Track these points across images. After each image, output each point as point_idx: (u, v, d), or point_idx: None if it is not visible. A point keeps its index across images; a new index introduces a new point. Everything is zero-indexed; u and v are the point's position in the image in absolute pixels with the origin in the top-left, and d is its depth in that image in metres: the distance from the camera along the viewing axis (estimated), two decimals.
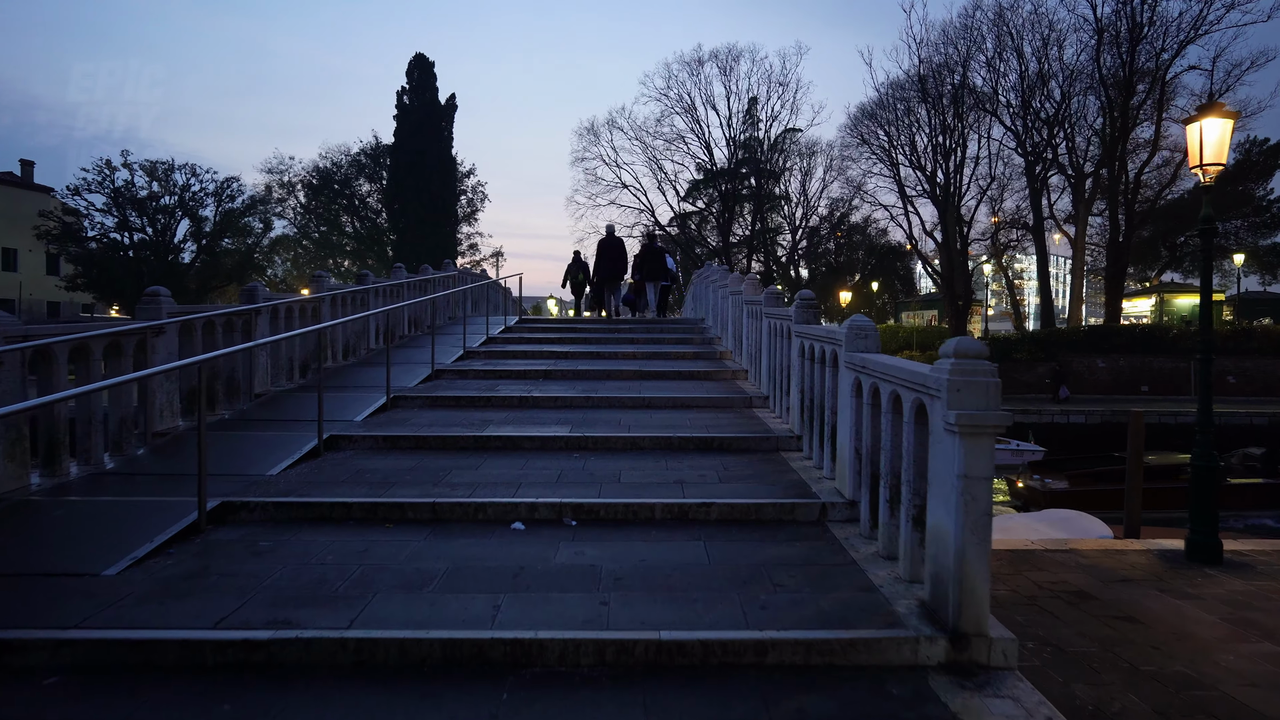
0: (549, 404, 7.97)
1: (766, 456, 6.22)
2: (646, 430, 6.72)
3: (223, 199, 41.75)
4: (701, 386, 8.92)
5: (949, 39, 33.02)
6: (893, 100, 34.85)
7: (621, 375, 8.89)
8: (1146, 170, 31.23)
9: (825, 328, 5.76)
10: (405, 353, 10.76)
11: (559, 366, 9.66)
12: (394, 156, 42.57)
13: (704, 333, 13.30)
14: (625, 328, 13.29)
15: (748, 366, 9.38)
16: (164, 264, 38.06)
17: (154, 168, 40.22)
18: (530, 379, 9.18)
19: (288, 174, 45.48)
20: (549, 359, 10.48)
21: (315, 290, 10.00)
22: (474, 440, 6.46)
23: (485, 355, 10.77)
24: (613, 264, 15.32)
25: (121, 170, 38.68)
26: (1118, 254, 31.25)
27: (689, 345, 12.00)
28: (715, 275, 13.76)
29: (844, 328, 4.85)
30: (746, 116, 39.30)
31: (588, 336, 12.12)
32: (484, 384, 8.87)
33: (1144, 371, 28.80)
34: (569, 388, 8.61)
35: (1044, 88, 32.23)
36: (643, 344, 11.79)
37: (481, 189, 47.31)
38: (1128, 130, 30.49)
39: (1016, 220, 35.18)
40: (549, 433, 6.60)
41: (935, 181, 34.40)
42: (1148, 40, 29.56)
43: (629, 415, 7.51)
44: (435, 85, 43.20)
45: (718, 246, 39.72)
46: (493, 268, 48.90)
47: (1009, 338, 30.52)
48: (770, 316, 7.81)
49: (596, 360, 10.31)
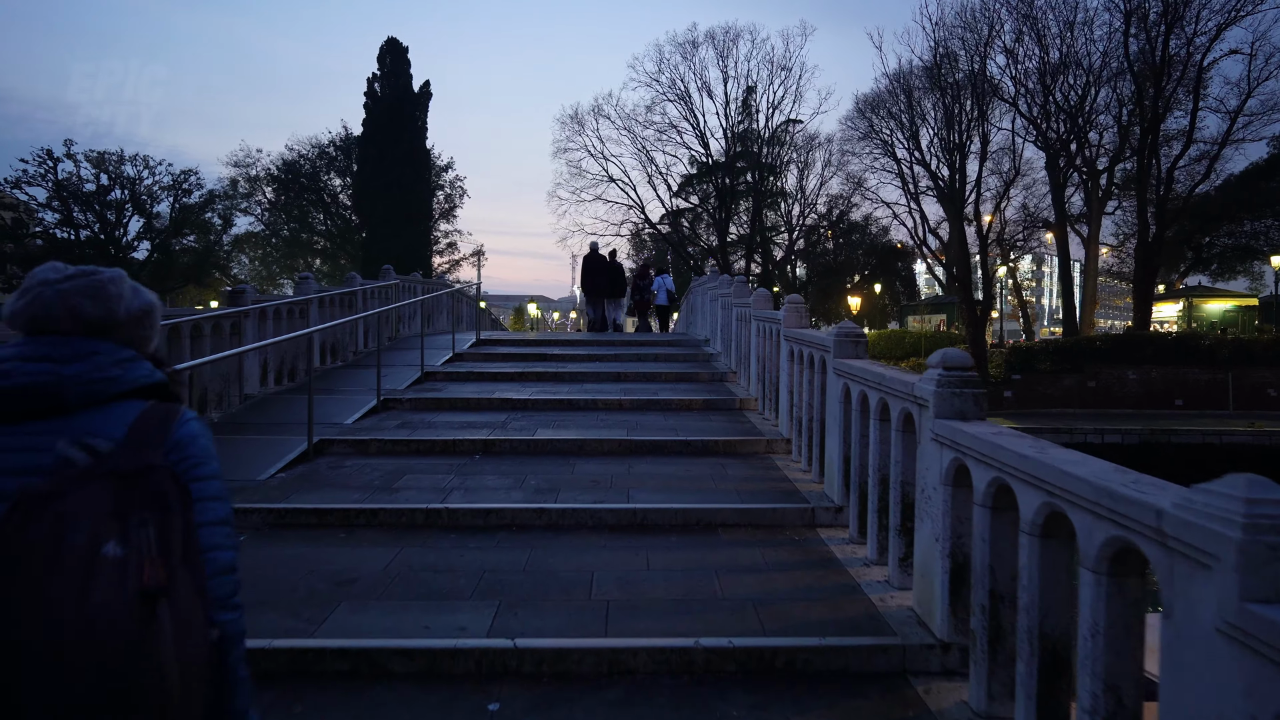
0: (474, 527, 4.96)
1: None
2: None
3: (179, 193, 38.88)
4: (725, 477, 6.09)
5: (965, 22, 30.41)
6: (902, 89, 32.21)
7: (600, 449, 6.01)
8: (1179, 165, 28.77)
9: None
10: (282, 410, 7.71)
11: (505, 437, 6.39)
12: (363, 148, 39.66)
13: (709, 361, 10.45)
14: (610, 355, 10.42)
15: (756, 393, 6.83)
16: (112, 263, 34.92)
17: (101, 159, 37.17)
18: (459, 457, 6.24)
19: (254, 167, 42.48)
20: (501, 410, 7.59)
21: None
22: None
23: (410, 405, 7.83)
24: (593, 280, 15.74)
25: (65, 161, 35.76)
26: (1146, 255, 28.77)
27: (693, 385, 9.15)
28: (718, 286, 10.93)
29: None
30: (744, 106, 36.47)
31: (559, 372, 9.22)
32: (392, 464, 5.99)
33: (1178, 383, 26.43)
34: (513, 481, 5.72)
35: (1067, 75, 29.74)
36: (633, 381, 8.95)
37: (460, 184, 44.54)
38: (1159, 120, 28.00)
39: (1036, 218, 32.65)
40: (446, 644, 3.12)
41: (940, 177, 31.79)
42: (1184, 22, 27.08)
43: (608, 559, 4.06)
44: (409, 72, 40.25)
45: (713, 246, 36.91)
46: (473, 268, 46.15)
47: (1031, 347, 28.04)
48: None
49: (565, 415, 7.44)
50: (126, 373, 1.28)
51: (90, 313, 1.28)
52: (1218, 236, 33.06)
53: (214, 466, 1.31)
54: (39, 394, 1.20)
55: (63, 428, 1.20)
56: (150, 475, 1.16)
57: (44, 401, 1.21)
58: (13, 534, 1.03)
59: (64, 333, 1.26)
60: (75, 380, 1.22)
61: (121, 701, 1.00)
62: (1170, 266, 36.06)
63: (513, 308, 66.58)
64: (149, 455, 1.20)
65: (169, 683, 1.03)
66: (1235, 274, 35.17)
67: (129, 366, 1.29)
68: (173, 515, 1.14)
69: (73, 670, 0.98)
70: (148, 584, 1.04)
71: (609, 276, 15.82)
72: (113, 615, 1.00)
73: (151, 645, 1.02)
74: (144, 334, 1.36)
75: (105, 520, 1.07)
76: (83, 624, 0.99)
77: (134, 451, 1.19)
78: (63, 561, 1.01)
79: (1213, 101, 28.54)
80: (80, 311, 1.27)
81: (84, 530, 1.04)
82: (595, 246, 16.40)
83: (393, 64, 40.29)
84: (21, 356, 1.23)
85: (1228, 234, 32.88)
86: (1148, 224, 28.61)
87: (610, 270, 15.98)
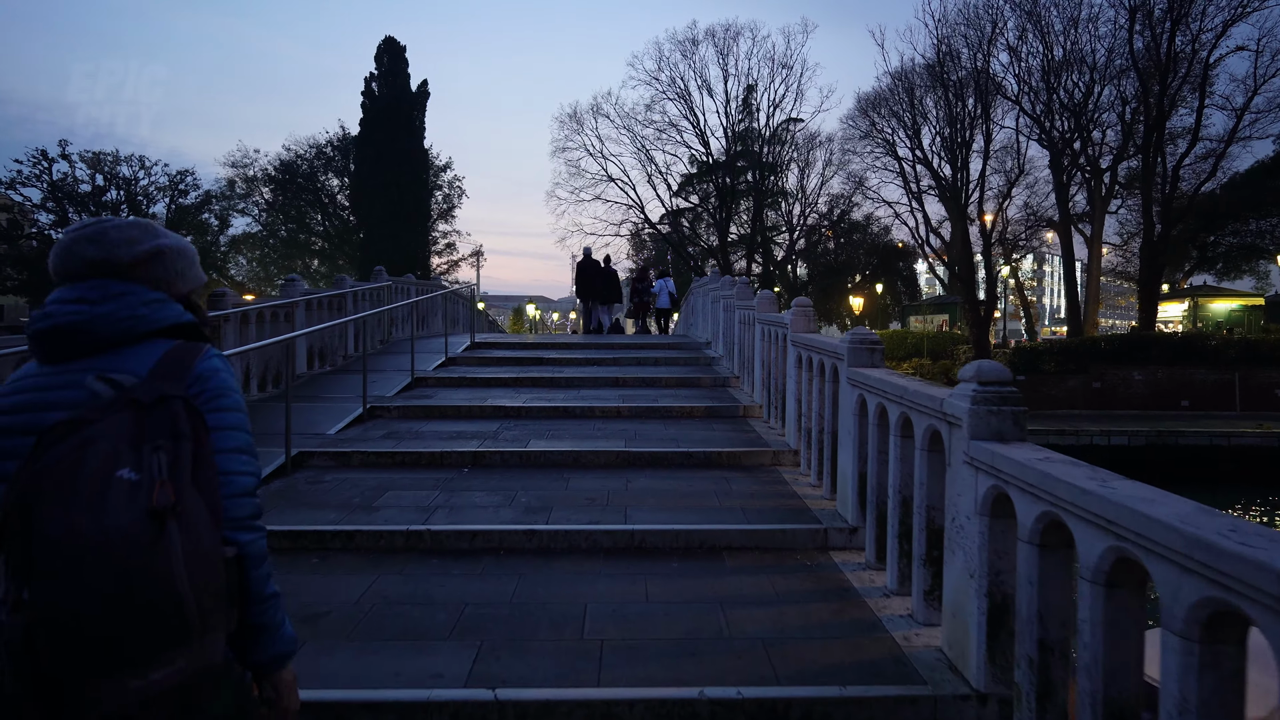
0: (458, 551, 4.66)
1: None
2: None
3: (175, 194, 38.58)
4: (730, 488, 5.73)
5: (968, 19, 30.04)
6: (904, 88, 31.84)
7: (597, 462, 5.65)
8: (1184, 163, 28.40)
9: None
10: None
11: (496, 448, 6.06)
12: (360, 148, 39.31)
13: (711, 366, 10.10)
14: (608, 359, 10.05)
15: (760, 400, 6.74)
16: None
17: (97, 159, 36.92)
18: (446, 470, 5.90)
19: (251, 168, 42.15)
20: (494, 418, 7.25)
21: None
22: None
23: (398, 413, 7.50)
24: (588, 284, 15.98)
25: (60, 162, 35.45)
26: (1152, 254, 28.43)
27: (694, 391, 8.79)
28: (720, 287, 10.58)
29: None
30: (744, 105, 36.09)
31: (555, 377, 8.86)
32: (374, 478, 5.65)
33: (1184, 384, 26.14)
34: (503, 499, 5.38)
35: (1071, 72, 29.38)
36: (632, 386, 8.60)
37: (459, 184, 44.18)
38: (1164, 118, 27.63)
39: (1040, 217, 32.28)
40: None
41: (942, 176, 31.42)
42: (1189, 18, 26.71)
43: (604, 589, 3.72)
44: (406, 71, 39.90)
45: (713, 246, 36.52)
46: (472, 268, 45.80)
47: (1035, 348, 27.68)
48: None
49: (561, 424, 7.12)
50: (154, 313, 1.36)
51: (90, 254, 1.36)
52: (1223, 235, 32.67)
53: (234, 399, 1.38)
54: (74, 332, 1.31)
55: (94, 365, 1.30)
56: (166, 405, 1.23)
57: (79, 339, 1.31)
58: (41, 456, 1.13)
59: (77, 276, 1.36)
60: (105, 319, 1.32)
61: (137, 605, 1.08)
62: (1175, 266, 35.66)
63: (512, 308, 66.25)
64: (167, 387, 1.27)
65: (179, 591, 1.10)
66: (1241, 273, 34.80)
67: (157, 307, 1.37)
68: (184, 441, 1.21)
69: (93, 576, 1.06)
70: (155, 503, 1.12)
71: (604, 281, 16.12)
72: (125, 530, 1.08)
73: (162, 558, 1.09)
74: (161, 275, 1.42)
75: (123, 446, 1.16)
76: (99, 536, 1.07)
77: (154, 384, 1.27)
78: (81, 482, 1.11)
79: (1219, 99, 28.25)
80: (83, 254, 1.36)
81: (101, 454, 1.13)
82: (589, 251, 16.61)
83: (390, 63, 39.96)
84: (61, 300, 1.34)
85: (1233, 233, 32.52)
86: (1153, 222, 28.27)
87: (605, 275, 16.24)
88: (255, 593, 1.33)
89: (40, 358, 1.34)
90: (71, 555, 1.07)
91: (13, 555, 1.09)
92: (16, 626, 1.07)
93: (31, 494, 1.10)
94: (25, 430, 1.24)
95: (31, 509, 1.09)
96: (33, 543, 1.08)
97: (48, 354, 1.32)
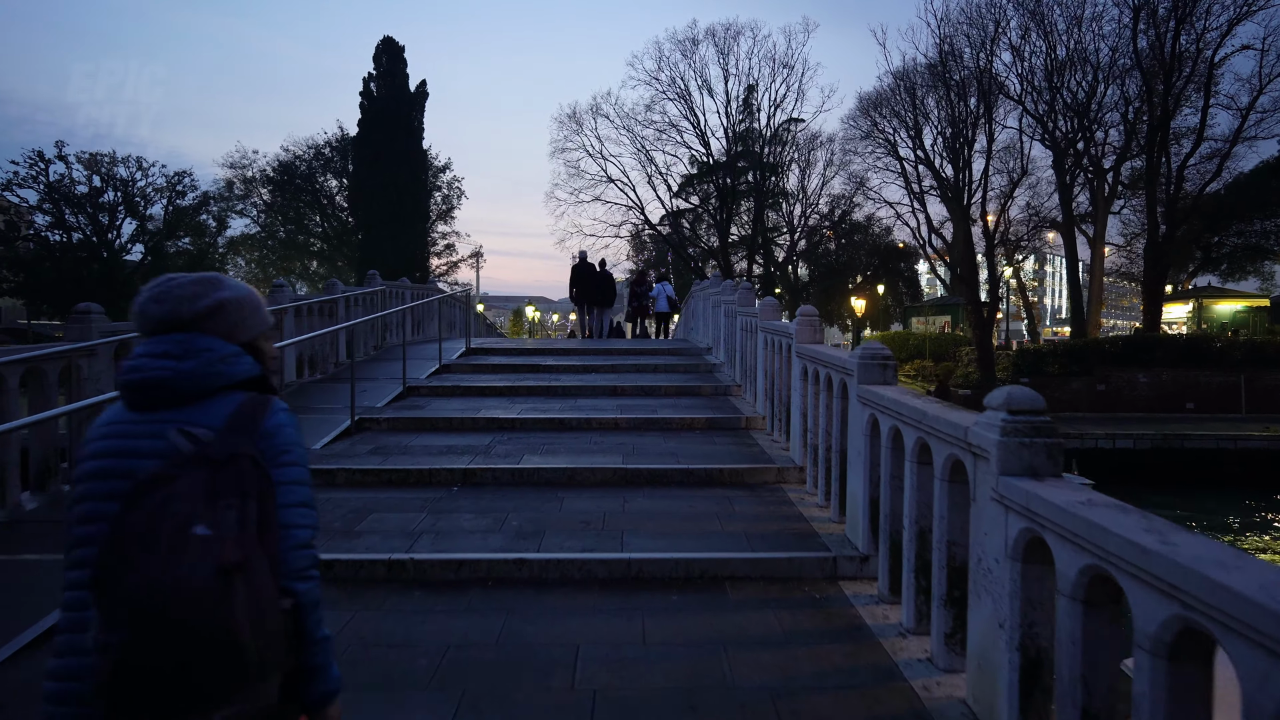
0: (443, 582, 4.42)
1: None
2: None
3: (173, 195, 38.30)
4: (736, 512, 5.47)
5: (970, 18, 29.74)
6: (905, 87, 31.55)
7: (593, 480, 5.39)
8: (1189, 163, 28.10)
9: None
10: None
11: (487, 465, 5.89)
12: (359, 148, 39.04)
13: (712, 373, 9.83)
14: (606, 366, 9.79)
15: (764, 411, 6.56)
16: (105, 266, 34.34)
17: (94, 160, 36.57)
18: (434, 489, 5.65)
19: (250, 169, 41.87)
20: (487, 431, 6.99)
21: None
22: None
23: (387, 426, 7.24)
24: (583, 288, 16.13)
25: (56, 163, 35.15)
26: (1156, 255, 28.14)
27: (695, 401, 8.53)
28: (721, 291, 10.32)
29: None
30: (745, 105, 35.80)
31: (551, 385, 8.61)
32: (359, 498, 5.39)
33: (1189, 386, 25.91)
34: (492, 522, 5.12)
35: (1074, 72, 29.11)
36: (630, 395, 8.35)
37: (458, 184, 43.89)
38: (1169, 117, 27.35)
39: (1044, 218, 31.99)
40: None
41: (944, 176, 31.12)
42: (1194, 17, 26.45)
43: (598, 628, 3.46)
44: (405, 71, 39.64)
45: (714, 247, 36.22)
46: (471, 269, 45.54)
47: (1039, 349, 27.43)
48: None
49: (556, 437, 6.90)
50: (229, 368, 1.46)
51: (157, 313, 1.46)
52: (1227, 236, 32.39)
53: (298, 453, 1.47)
54: (160, 386, 1.40)
55: (177, 417, 1.38)
56: (236, 463, 1.31)
57: (163, 393, 1.40)
58: (132, 509, 1.22)
59: (154, 331, 1.46)
60: (188, 376, 1.41)
61: (205, 654, 1.17)
62: (1179, 266, 35.37)
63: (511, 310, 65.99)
64: (239, 443, 1.35)
65: (242, 643, 1.18)
66: (1246, 274, 34.52)
67: (232, 362, 1.46)
68: (250, 500, 1.29)
69: (167, 626, 1.15)
70: (225, 561, 1.19)
71: (598, 285, 16.31)
72: (196, 585, 1.17)
73: (227, 610, 1.18)
74: (224, 327, 1.50)
75: (199, 504, 1.24)
76: (174, 589, 1.16)
77: (226, 439, 1.35)
78: (161, 538, 1.19)
79: (1223, 98, 27.97)
80: (151, 314, 1.47)
81: (180, 513, 1.21)
82: (584, 255, 16.72)
83: (389, 63, 39.69)
84: (149, 354, 1.43)
85: (1237, 233, 32.24)
86: (1157, 223, 27.98)
87: (600, 279, 16.43)
88: (309, 636, 1.42)
89: (129, 405, 1.43)
90: (149, 606, 1.16)
91: (103, 599, 1.19)
92: (105, 667, 1.16)
93: (120, 547, 1.20)
94: (122, 474, 1.34)
95: (120, 561, 1.19)
96: (121, 592, 1.17)
97: (136, 404, 1.42)
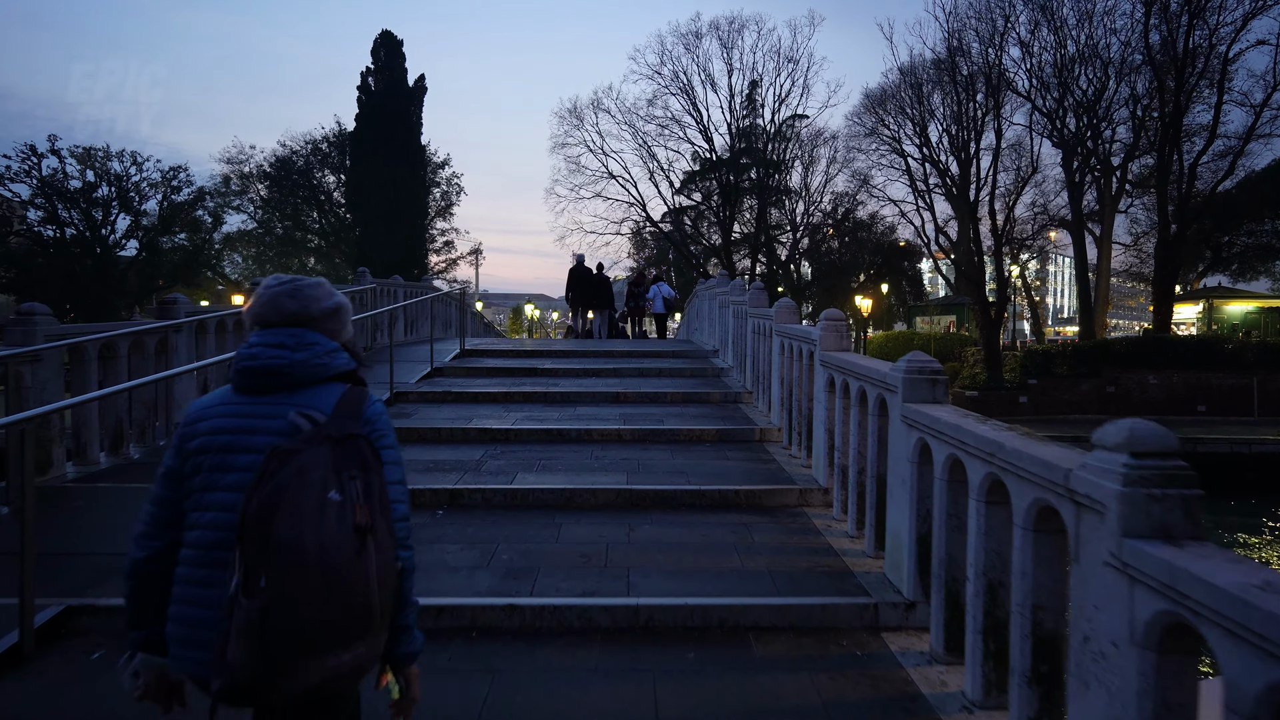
0: (421, 631, 3.88)
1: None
2: None
3: (168, 190, 37.69)
4: None
5: (979, 12, 29.13)
6: (910, 84, 30.95)
7: (593, 502, 4.83)
8: (1201, 161, 27.52)
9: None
10: None
11: (477, 485, 5.39)
12: (356, 144, 38.46)
13: (720, 377, 9.27)
14: (608, 370, 9.22)
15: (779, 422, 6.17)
16: (99, 262, 33.80)
17: (88, 155, 35.96)
18: (417, 513, 5.09)
19: (247, 164, 41.29)
20: (479, 443, 6.44)
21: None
22: None
23: None
24: (580, 292, 16.25)
25: (49, 157, 34.53)
26: (1167, 254, 27.58)
27: (703, 409, 7.98)
28: (730, 291, 9.75)
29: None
30: (748, 100, 35.18)
31: (549, 391, 8.04)
32: None
33: (1200, 389, 25.43)
34: (480, 555, 4.56)
35: (1085, 68, 28.52)
36: (633, 403, 7.79)
37: (458, 181, 43.32)
38: (1181, 113, 26.77)
39: (1053, 217, 31.40)
40: None
41: (950, 174, 30.52)
42: (1207, 12, 25.86)
43: (599, 696, 3.20)
44: (404, 66, 39.05)
45: (716, 245, 35.62)
46: (470, 266, 44.97)
47: (1047, 350, 26.92)
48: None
49: (553, 451, 6.35)
50: (333, 361, 1.67)
51: (290, 308, 1.67)
52: (1238, 235, 31.82)
53: (393, 439, 1.67)
54: (276, 372, 1.60)
55: (291, 401, 1.58)
56: (354, 441, 1.50)
57: (278, 378, 1.60)
58: (271, 475, 1.39)
59: (274, 324, 1.66)
60: (300, 365, 1.61)
61: (343, 602, 1.34)
62: (1188, 266, 34.79)
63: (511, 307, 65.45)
64: (351, 426, 1.54)
65: (373, 595, 1.38)
66: (1257, 274, 33.93)
67: (335, 356, 1.67)
68: (372, 474, 1.48)
69: (314, 575, 1.31)
70: (359, 523, 1.39)
71: (595, 288, 16.45)
72: (339, 543, 1.35)
73: (365, 565, 1.37)
74: (334, 326, 1.73)
75: (329, 473, 1.42)
76: (319, 547, 1.33)
77: (340, 422, 1.53)
78: (303, 500, 1.36)
79: (1237, 95, 27.38)
80: (284, 307, 1.67)
81: (315, 480, 1.39)
82: (581, 259, 16.76)
83: (387, 58, 39.10)
84: (265, 344, 1.62)
85: (1247, 233, 31.68)
86: (1168, 221, 27.42)
87: (597, 283, 16.56)
88: (406, 599, 1.60)
89: (241, 389, 1.60)
90: (298, 558, 1.32)
91: (249, 551, 1.34)
92: (254, 609, 1.31)
93: (269, 507, 1.35)
94: (245, 449, 1.53)
95: (269, 519, 1.34)
96: (269, 545, 1.32)
97: (250, 387, 1.60)
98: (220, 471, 1.51)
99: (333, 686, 1.36)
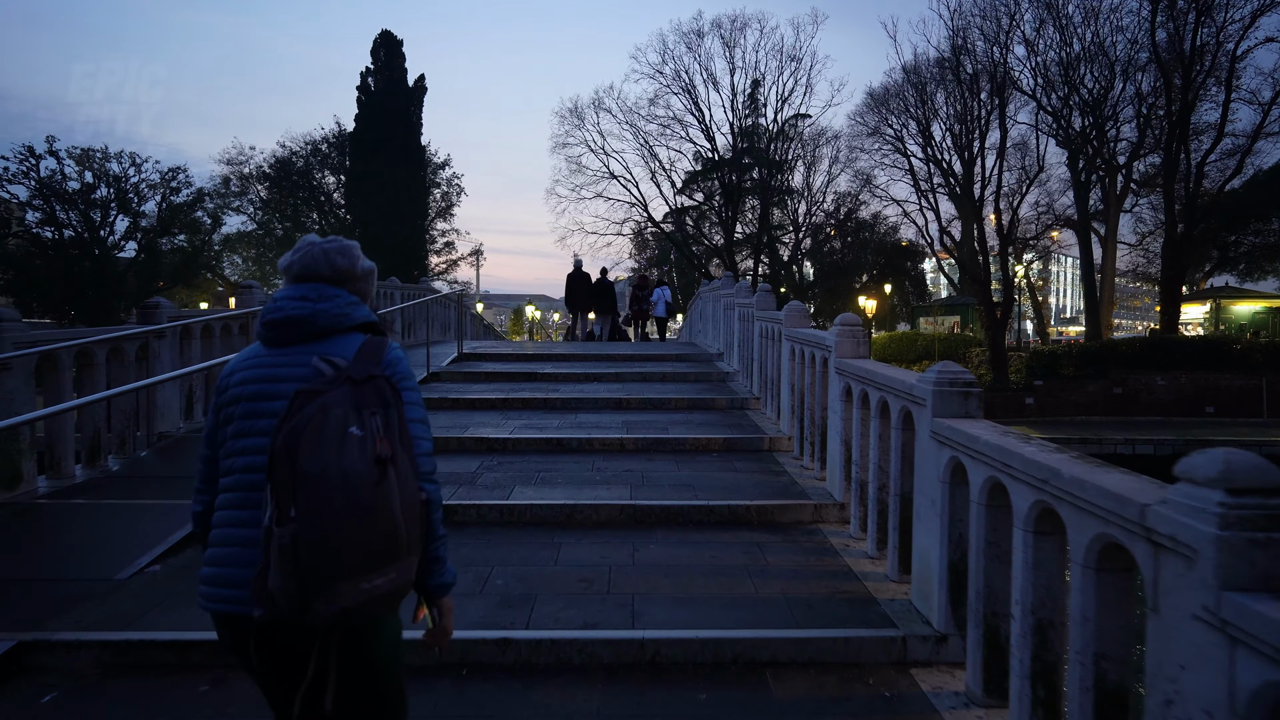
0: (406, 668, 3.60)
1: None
2: None
3: (167, 191, 37.46)
4: None
5: (984, 11, 28.82)
6: (913, 83, 30.66)
7: (595, 519, 4.52)
8: (1208, 159, 27.21)
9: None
10: None
11: (471, 501, 5.19)
12: (356, 144, 38.21)
13: (725, 382, 8.97)
14: (609, 375, 8.92)
15: (790, 431, 5.83)
16: (98, 264, 33.56)
17: (86, 156, 35.74)
18: None
19: (247, 165, 41.06)
20: (474, 453, 6.15)
21: None
22: None
23: None
24: (578, 296, 16.30)
25: (47, 158, 34.30)
26: (1174, 254, 27.26)
27: (709, 416, 7.69)
28: (735, 293, 9.45)
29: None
30: (751, 99, 34.87)
31: (549, 398, 7.75)
32: None
33: (1208, 390, 25.15)
34: (473, 579, 4.28)
35: (1091, 66, 28.21)
36: (636, 410, 7.49)
37: (458, 181, 43.04)
38: (1188, 112, 26.46)
39: (1060, 216, 31.08)
40: None
41: (953, 174, 30.22)
42: (1214, 9, 25.56)
43: None
44: (403, 66, 38.80)
45: (718, 245, 35.33)
46: (471, 267, 44.71)
47: (1053, 351, 26.64)
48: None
49: (553, 462, 6.07)
50: (355, 312, 1.76)
51: (341, 264, 1.79)
52: (1245, 234, 31.49)
53: (413, 381, 1.75)
54: (301, 322, 1.69)
55: (314, 349, 1.67)
56: (374, 381, 1.57)
57: (303, 328, 1.69)
58: (295, 413, 1.46)
59: (322, 279, 1.76)
60: (323, 314, 1.71)
61: (369, 527, 1.41)
62: (1195, 266, 34.45)
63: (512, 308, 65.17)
64: (372, 368, 1.61)
65: (397, 520, 1.44)
66: (1264, 274, 33.58)
67: (356, 308, 1.76)
68: (391, 410, 1.55)
69: (341, 503, 1.38)
70: (379, 453, 1.45)
71: (594, 294, 16.46)
72: (361, 472, 1.41)
73: (386, 491, 1.43)
74: (367, 287, 1.86)
75: (350, 410, 1.48)
76: (341, 475, 1.40)
77: (361, 365, 1.62)
78: (326, 434, 1.43)
79: (1245, 93, 27.09)
80: (334, 263, 1.78)
81: (337, 416, 1.46)
82: (580, 264, 16.73)
83: (387, 58, 38.85)
84: (289, 297, 1.73)
85: (1255, 232, 31.35)
86: (1175, 220, 27.11)
87: (597, 288, 16.61)
88: (433, 531, 1.70)
89: (268, 341, 1.72)
90: (324, 487, 1.39)
91: (278, 484, 1.42)
92: (286, 535, 1.38)
93: (293, 441, 1.42)
94: (274, 396, 1.62)
95: (294, 452, 1.41)
96: (296, 477, 1.39)
97: (276, 339, 1.71)
98: (251, 419, 1.63)
99: (369, 609, 1.41)
